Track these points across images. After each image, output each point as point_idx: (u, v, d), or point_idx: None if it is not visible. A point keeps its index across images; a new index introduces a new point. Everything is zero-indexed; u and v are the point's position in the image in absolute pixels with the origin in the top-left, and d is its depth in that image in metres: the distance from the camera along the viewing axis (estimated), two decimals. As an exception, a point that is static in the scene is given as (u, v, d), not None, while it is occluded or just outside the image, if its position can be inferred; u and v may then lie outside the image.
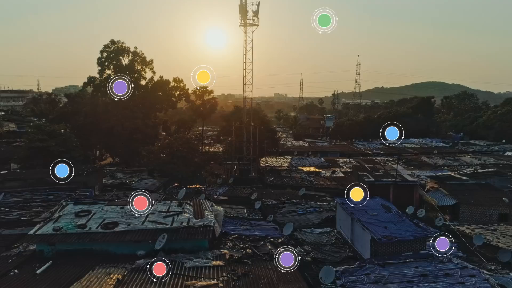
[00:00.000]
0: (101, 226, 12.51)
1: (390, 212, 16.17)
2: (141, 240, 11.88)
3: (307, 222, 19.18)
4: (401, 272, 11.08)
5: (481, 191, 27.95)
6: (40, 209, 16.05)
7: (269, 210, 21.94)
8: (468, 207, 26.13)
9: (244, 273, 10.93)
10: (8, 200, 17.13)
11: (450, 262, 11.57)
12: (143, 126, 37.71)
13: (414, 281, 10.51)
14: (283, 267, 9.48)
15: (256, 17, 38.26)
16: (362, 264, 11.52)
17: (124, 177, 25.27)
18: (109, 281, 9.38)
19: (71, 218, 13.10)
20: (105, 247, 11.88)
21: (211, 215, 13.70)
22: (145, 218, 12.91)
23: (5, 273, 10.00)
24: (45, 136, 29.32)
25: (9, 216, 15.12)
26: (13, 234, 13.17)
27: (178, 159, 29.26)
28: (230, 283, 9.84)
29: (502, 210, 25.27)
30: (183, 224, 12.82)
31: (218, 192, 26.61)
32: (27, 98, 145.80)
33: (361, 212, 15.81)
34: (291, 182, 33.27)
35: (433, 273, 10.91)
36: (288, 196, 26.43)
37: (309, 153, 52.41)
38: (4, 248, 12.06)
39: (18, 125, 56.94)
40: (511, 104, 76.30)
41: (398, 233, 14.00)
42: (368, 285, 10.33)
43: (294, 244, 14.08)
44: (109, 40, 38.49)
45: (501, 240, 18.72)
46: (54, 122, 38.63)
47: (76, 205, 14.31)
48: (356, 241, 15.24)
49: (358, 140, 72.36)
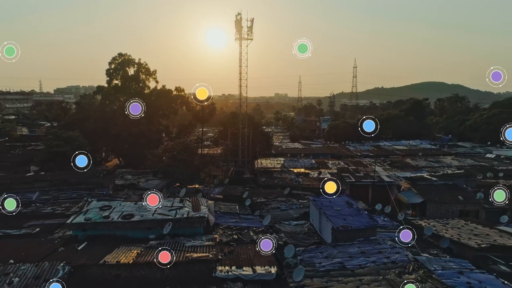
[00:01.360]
0: (121, 217, 16.28)
1: (352, 207, 19.84)
2: (152, 227, 15.65)
3: (288, 216, 22.88)
4: (347, 251, 14.79)
5: (447, 191, 31.54)
6: (68, 205, 19.82)
7: (257, 206, 25.61)
8: (433, 205, 29.77)
9: (229, 251, 14.65)
10: (40, 198, 20.90)
11: (384, 243, 15.29)
12: (147, 132, 41.52)
13: (354, 256, 14.21)
14: (263, 251, 13.01)
15: (250, 31, 41.98)
16: (319, 245, 15.18)
17: (133, 178, 29.05)
18: (131, 254, 13.12)
19: (97, 211, 16.86)
20: (125, 233, 15.63)
21: (206, 209, 17.50)
22: (155, 211, 16.68)
23: (55, 249, 13.75)
24: (62, 142, 33.08)
25: (45, 211, 18.91)
26: (52, 224, 16.94)
27: (179, 162, 33.01)
28: (218, 256, 13.56)
29: (462, 207, 29.03)
30: (184, 216, 16.58)
31: (214, 192, 30.28)
32: (32, 100, 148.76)
33: (327, 207, 19.51)
34: (281, 182, 36.91)
35: (370, 251, 14.62)
36: (276, 195, 30.10)
37: (301, 155, 55.70)
38: (48, 233, 15.84)
39: (29, 128, 60.75)
40: (496, 108, 79.63)
41: (353, 224, 17.67)
42: (319, 259, 14.04)
43: (271, 232, 17.80)
44: (117, 53, 42.32)
45: (449, 231, 22.37)
46: (66, 127, 42.49)
47: (99, 201, 18.09)
48: (322, 230, 18.93)
49: (351, 142, 75.29)
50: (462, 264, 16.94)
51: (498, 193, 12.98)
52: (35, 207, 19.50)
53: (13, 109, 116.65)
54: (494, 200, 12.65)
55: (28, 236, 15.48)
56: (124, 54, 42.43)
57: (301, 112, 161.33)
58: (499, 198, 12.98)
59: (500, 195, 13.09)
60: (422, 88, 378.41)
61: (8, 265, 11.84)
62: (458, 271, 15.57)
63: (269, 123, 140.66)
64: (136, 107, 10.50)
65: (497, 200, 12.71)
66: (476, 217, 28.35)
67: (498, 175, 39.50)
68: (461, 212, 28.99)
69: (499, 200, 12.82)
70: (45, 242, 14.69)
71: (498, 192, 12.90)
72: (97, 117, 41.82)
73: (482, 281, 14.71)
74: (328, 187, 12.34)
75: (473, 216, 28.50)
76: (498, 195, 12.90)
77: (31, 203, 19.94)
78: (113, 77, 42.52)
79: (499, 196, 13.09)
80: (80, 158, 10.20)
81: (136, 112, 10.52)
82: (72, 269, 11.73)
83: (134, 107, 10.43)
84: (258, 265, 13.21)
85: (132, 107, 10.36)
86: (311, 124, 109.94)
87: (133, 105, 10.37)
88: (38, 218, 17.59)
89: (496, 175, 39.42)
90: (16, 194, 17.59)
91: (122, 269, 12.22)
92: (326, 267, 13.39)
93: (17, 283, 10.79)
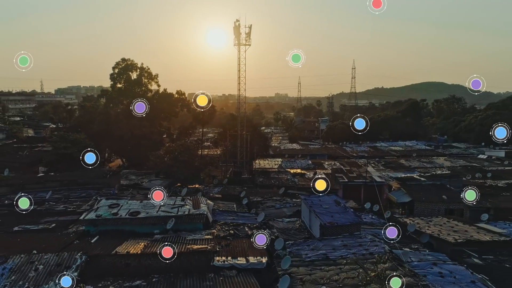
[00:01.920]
0: (128, 214, 18.02)
1: (339, 205, 21.57)
2: (157, 223, 17.39)
3: (282, 214, 24.58)
4: (331, 244, 16.52)
5: (434, 191, 33.26)
6: (78, 203, 21.58)
7: (254, 205, 27.34)
8: (421, 204, 31.50)
9: (226, 244, 16.39)
10: (52, 197, 22.64)
11: (365, 237, 17.01)
12: (149, 133, 43.28)
13: (337, 249, 15.94)
14: (258, 245, 14.65)
15: (248, 37, 43.64)
16: (307, 239, 16.88)
17: (136, 178, 30.82)
18: (139, 246, 14.85)
19: (106, 208, 18.59)
20: (132, 228, 17.36)
21: (205, 207, 19.25)
22: (159, 209, 18.42)
23: (71, 242, 15.50)
24: (69, 144, 34.85)
25: (58, 208, 20.67)
26: (66, 220, 18.70)
27: (180, 163, 34.77)
28: (215, 248, 15.28)
29: (447, 206, 30.77)
30: (185, 213, 18.32)
31: (213, 191, 32.01)
32: (34, 101, 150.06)
33: (317, 205, 21.23)
34: (277, 182, 38.58)
35: (351, 244, 16.34)
36: (272, 194, 31.79)
37: (298, 156, 57.35)
38: (63, 228, 17.59)
39: (35, 130, 62.50)
40: (490, 109, 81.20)
41: (339, 220, 19.39)
42: (306, 251, 15.77)
43: (265, 228, 19.52)
44: (121, 58, 44.09)
45: (431, 228, 24.09)
46: (72, 129, 44.29)
47: (108, 200, 19.83)
48: (312, 226, 20.63)
49: (349, 142, 76.68)
50: (439, 257, 18.64)
51: (469, 193, 14.81)
52: (48, 205, 21.26)
53: (16, 110, 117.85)
54: (466, 199, 14.39)
55: (46, 230, 17.23)
56: (127, 59, 44.23)
57: (301, 112, 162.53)
58: (470, 197, 14.81)
59: (471, 194, 14.91)
60: (422, 88, 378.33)
61: (32, 255, 13.57)
62: (432, 263, 17.31)
63: (269, 123, 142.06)
64: (140, 106, 11.55)
65: (468, 199, 14.47)
66: (461, 216, 30.02)
67: (486, 175, 41.24)
68: (446, 211, 30.74)
69: (470, 199, 14.58)
70: (61, 236, 16.44)
71: (469, 192, 14.72)
72: (101, 119, 43.56)
73: (453, 271, 16.47)
74: (318, 185, 13.47)
75: (458, 215, 30.19)
76: (469, 195, 14.72)
77: (44, 202, 21.70)
78: (117, 81, 44.29)
79: (470, 195, 14.93)
80: (89, 156, 11.32)
81: (140, 110, 11.54)
82: (88, 258, 13.47)
83: (138, 106, 11.50)
84: (251, 256, 14.95)
85: (137, 106, 11.44)
86: (310, 124, 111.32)
87: (138, 104, 11.46)
88: (53, 215, 19.34)
89: (485, 176, 41.15)
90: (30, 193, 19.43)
91: (131, 259, 13.97)
92: (312, 257, 15.12)
93: (42, 270, 12.52)
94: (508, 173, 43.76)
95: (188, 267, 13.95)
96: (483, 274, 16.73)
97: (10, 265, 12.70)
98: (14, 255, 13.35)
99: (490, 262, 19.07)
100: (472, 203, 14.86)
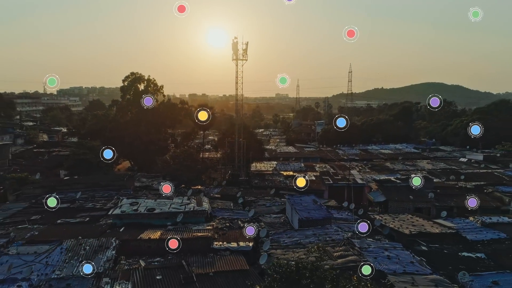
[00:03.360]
0: (146, 210, 22.86)
1: (316, 204, 26.37)
2: (169, 217, 22.23)
3: (270, 211, 29.32)
4: (304, 233, 21.32)
5: (407, 191, 37.93)
6: (103, 201, 26.41)
7: (248, 204, 32.10)
8: (394, 203, 36.11)
9: (223, 233, 21.20)
10: (81, 196, 27.47)
11: (331, 229, 21.81)
12: (156, 140, 48.15)
13: (308, 237, 20.73)
14: (248, 235, 19.29)
15: (245, 53, 48.41)
16: (286, 230, 21.64)
17: (147, 180, 35.68)
18: (157, 234, 19.68)
19: (128, 206, 23.43)
20: (149, 221, 22.17)
21: (207, 204, 24.09)
22: (170, 206, 23.26)
23: (104, 231, 20.35)
24: (86, 151, 39.69)
25: (87, 206, 25.52)
26: (96, 215, 23.54)
27: (184, 167, 39.61)
28: (214, 236, 20.09)
29: (415, 204, 35.49)
30: (191, 209, 23.16)
31: (214, 191, 36.76)
32: (41, 104, 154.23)
33: (298, 204, 26.02)
34: (271, 184, 43.15)
35: (320, 233, 21.14)
36: (264, 194, 36.57)
37: (292, 159, 61.75)
38: (95, 221, 22.44)
39: (48, 135, 67.47)
40: (476, 114, 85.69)
41: (314, 216, 24.16)
42: (284, 238, 20.55)
43: (254, 222, 24.30)
44: (130, 72, 48.97)
45: (394, 223, 28.76)
46: (86, 135, 49.22)
47: (128, 199, 24.70)
48: (293, 220, 25.40)
49: (342, 145, 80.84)
50: (395, 245, 23.38)
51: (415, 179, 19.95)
52: (79, 203, 26.08)
53: (24, 113, 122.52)
54: (413, 184, 19.09)
55: (82, 223, 22.05)
56: (135, 73, 49.13)
57: (300, 114, 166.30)
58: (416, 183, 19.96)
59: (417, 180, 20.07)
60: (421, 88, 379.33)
61: (79, 239, 18.34)
62: (384, 249, 22.11)
63: (268, 125, 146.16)
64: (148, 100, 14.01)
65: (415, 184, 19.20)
66: (428, 213, 34.73)
67: (460, 177, 45.82)
68: (415, 209, 35.46)
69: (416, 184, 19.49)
70: (96, 227, 21.27)
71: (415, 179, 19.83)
72: (112, 127, 48.40)
73: (399, 255, 21.31)
74: (299, 182, 16.47)
75: (425, 213, 34.87)
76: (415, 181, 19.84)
77: (75, 201, 26.53)
78: (126, 92, 49.14)
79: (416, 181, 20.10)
80: (107, 152, 13.23)
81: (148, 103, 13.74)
82: (120, 242, 18.26)
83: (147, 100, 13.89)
84: (241, 242, 19.74)
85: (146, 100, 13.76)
86: (307, 127, 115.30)
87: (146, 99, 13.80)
88: (85, 211, 24.17)
89: (458, 178, 45.72)
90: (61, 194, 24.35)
91: (152, 242, 18.79)
92: (287, 243, 19.90)
93: (89, 250, 17.32)
94: (480, 175, 48.00)
95: (194, 249, 18.70)
96: (424, 258, 21.47)
97: (65, 246, 17.49)
98: (65, 240, 18.14)
99: (434, 249, 23.82)
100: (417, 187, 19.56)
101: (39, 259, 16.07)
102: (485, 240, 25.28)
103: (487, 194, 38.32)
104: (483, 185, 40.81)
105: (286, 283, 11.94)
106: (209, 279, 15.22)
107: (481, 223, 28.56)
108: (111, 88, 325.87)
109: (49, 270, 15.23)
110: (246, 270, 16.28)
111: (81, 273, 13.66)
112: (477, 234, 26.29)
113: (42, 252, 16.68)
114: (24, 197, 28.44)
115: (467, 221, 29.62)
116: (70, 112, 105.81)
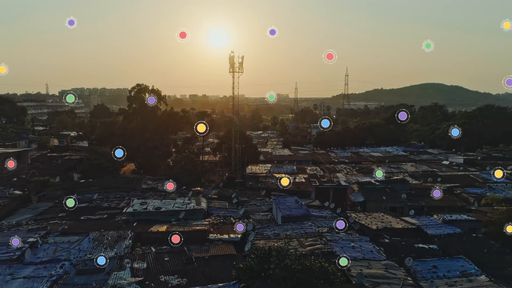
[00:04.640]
0: (154, 208, 27.51)
1: (297, 203, 30.99)
2: (173, 214, 26.87)
3: (259, 210, 33.94)
4: (284, 228, 25.94)
5: (384, 192, 42.51)
6: (116, 201, 31.07)
7: (241, 203, 36.73)
8: (371, 203, 40.48)
9: (217, 227, 25.82)
10: (98, 197, 32.13)
11: (306, 224, 26.43)
12: (160, 145, 52.87)
13: (287, 230, 25.33)
14: (238, 231, 23.80)
15: (241, 66, 53.05)
16: (269, 225, 26.25)
17: (153, 183, 40.35)
18: (163, 228, 24.32)
19: (138, 205, 28.09)
20: (157, 218, 26.80)
21: (204, 204, 28.78)
22: (173, 205, 27.90)
23: (121, 225, 24.97)
24: (98, 156, 44.37)
25: (103, 205, 30.19)
26: (112, 213, 28.19)
27: (185, 171, 44.34)
28: (210, 229, 24.74)
29: (390, 204, 40.01)
30: (191, 208, 27.80)
31: (211, 193, 41.42)
32: (46, 106, 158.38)
33: (282, 203, 30.65)
34: (264, 185, 47.63)
35: (296, 227, 25.74)
36: (257, 195, 41.22)
37: (286, 162, 66.07)
38: (112, 218, 27.08)
39: (58, 139, 72.14)
40: (462, 119, 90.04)
41: (295, 213, 28.76)
42: (267, 231, 25.17)
43: (244, 219, 28.93)
44: (136, 83, 53.72)
45: (367, 220, 33.16)
46: (96, 140, 53.94)
47: (139, 199, 29.35)
48: (277, 217, 29.99)
49: (336, 148, 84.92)
50: (362, 238, 27.81)
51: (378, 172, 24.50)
52: (96, 203, 30.76)
53: (29, 116, 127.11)
54: (376, 176, 23.63)
55: (102, 219, 26.67)
56: (141, 84, 53.88)
57: (298, 116, 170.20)
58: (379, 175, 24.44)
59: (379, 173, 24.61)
60: (421, 89, 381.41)
61: (102, 231, 22.99)
62: (351, 241, 26.61)
63: (267, 127, 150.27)
64: (151, 99, 20.06)
65: (378, 177, 23.74)
66: (401, 212, 39.22)
67: (437, 179, 50.23)
68: (391, 208, 39.96)
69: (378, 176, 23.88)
70: (113, 222, 25.89)
71: (378, 171, 24.33)
72: (119, 133, 53.11)
73: (362, 245, 25.77)
74: (283, 181, 22.27)
75: (399, 212, 39.32)
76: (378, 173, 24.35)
77: (93, 201, 31.21)
78: (133, 102, 53.89)
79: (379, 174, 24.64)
80: (118, 151, 16.08)
81: (152, 102, 19.77)
82: (135, 233, 22.92)
83: (150, 99, 19.95)
84: (232, 234, 24.37)
85: (149, 99, 19.88)
86: (303, 130, 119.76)
87: (150, 98, 19.87)
88: (103, 210, 28.85)
89: (435, 180, 50.13)
90: (80, 195, 28.97)
91: (159, 234, 23.42)
92: (269, 235, 24.52)
93: (111, 239, 21.95)
94: (456, 177, 52.29)
95: (193, 239, 23.29)
96: (384, 248, 25.88)
97: (91, 236, 22.14)
98: (91, 232, 22.79)
99: (395, 241, 28.29)
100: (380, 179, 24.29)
101: (72, 246, 20.71)
102: (442, 235, 29.30)
103: (456, 195, 42.72)
104: (453, 187, 45.12)
105: (260, 261, 16.54)
106: (205, 261, 19.88)
107: (442, 220, 32.69)
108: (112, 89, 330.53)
109: (82, 254, 19.86)
110: (234, 254, 20.92)
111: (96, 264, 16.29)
112: (437, 230, 30.27)
113: (74, 241, 21.32)
114: (47, 197, 33.10)
115: (431, 218, 33.70)
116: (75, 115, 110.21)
